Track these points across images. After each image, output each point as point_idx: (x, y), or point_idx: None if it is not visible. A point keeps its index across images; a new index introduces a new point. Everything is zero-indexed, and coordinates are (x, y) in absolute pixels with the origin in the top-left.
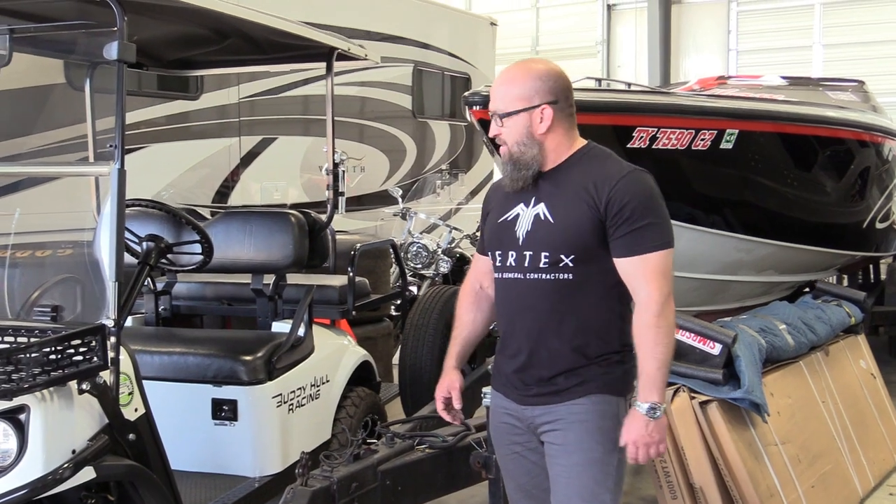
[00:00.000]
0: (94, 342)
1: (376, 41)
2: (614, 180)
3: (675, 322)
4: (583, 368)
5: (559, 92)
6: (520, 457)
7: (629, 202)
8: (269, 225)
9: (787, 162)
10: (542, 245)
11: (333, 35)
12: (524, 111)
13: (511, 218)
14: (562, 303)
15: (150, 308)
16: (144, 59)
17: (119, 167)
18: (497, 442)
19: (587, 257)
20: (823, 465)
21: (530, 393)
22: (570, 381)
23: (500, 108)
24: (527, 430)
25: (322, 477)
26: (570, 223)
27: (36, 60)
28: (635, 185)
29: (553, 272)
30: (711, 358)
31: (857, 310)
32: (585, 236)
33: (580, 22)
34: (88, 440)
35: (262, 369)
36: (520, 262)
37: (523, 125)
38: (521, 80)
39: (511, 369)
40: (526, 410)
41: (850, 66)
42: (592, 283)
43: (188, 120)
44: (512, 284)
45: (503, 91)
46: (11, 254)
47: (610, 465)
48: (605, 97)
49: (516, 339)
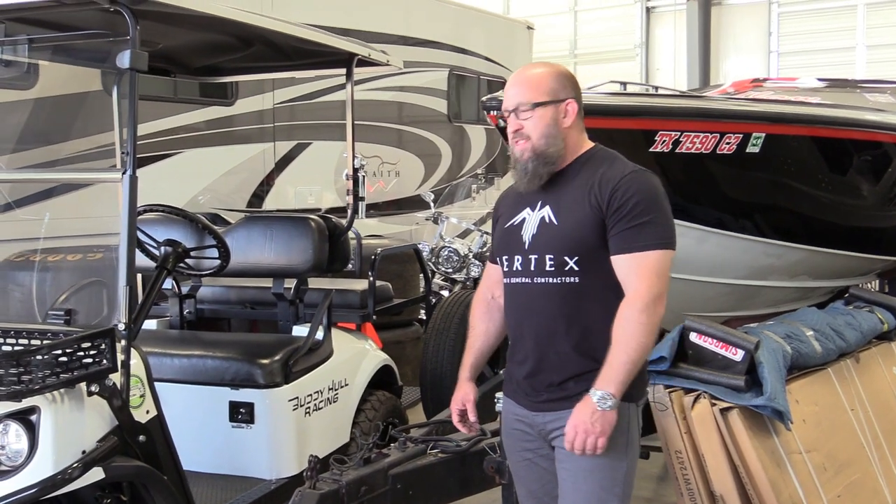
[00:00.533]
0: (103, 345)
1: (412, 46)
2: (617, 179)
3: (658, 325)
4: (592, 373)
5: (578, 92)
6: (531, 463)
7: (629, 199)
8: (290, 229)
9: (819, 165)
10: (547, 248)
11: (353, 41)
12: (552, 103)
13: (518, 222)
14: (569, 306)
15: (175, 311)
16: (172, 66)
17: (131, 174)
18: (509, 448)
19: (592, 259)
20: (851, 474)
21: (540, 399)
22: (579, 387)
23: (528, 98)
24: (538, 436)
25: (331, 480)
26: (574, 224)
27: (73, 68)
28: (638, 184)
29: (559, 276)
30: (734, 364)
31: (892, 316)
32: (588, 237)
33: (618, 25)
34: (98, 441)
35: (279, 372)
36: (526, 267)
37: (551, 117)
38: (545, 76)
39: (521, 375)
40: (537, 416)
41: (895, 67)
42: (599, 286)
43: (223, 125)
44: (519, 289)
45: (527, 86)
46: (43, 258)
47: (618, 470)
48: (626, 101)
49: (524, 345)
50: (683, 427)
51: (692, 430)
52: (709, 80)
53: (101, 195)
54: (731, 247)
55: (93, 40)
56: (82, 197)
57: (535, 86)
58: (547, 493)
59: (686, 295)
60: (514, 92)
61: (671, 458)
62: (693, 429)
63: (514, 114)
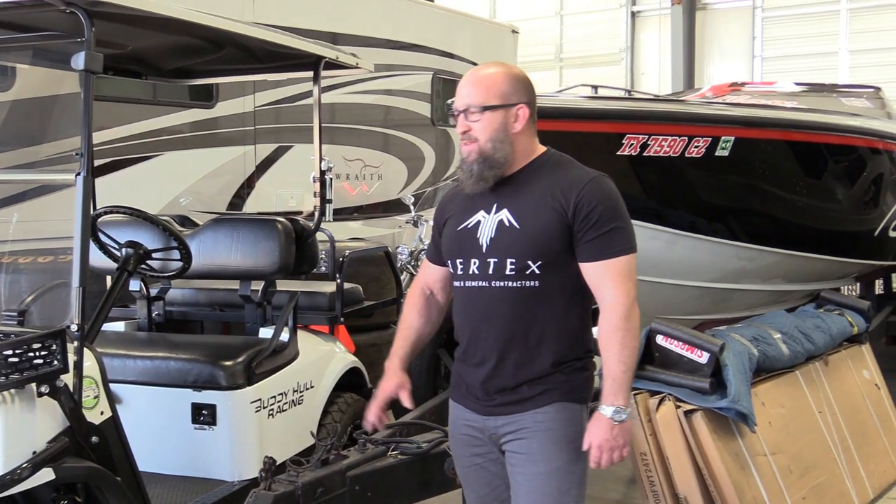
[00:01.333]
0: (54, 346)
1: (397, 49)
2: (581, 185)
3: (639, 327)
4: (547, 377)
5: (531, 96)
6: (480, 468)
7: (596, 207)
8: (256, 231)
9: (793, 169)
10: (508, 252)
11: (321, 44)
12: (502, 107)
13: (471, 225)
14: (528, 311)
15: (144, 314)
16: (143, 68)
17: (85, 175)
18: (457, 453)
19: (553, 263)
20: (817, 476)
21: (493, 403)
22: (534, 390)
23: (477, 101)
24: (488, 440)
25: (287, 482)
26: (539, 229)
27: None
28: (601, 190)
29: (519, 279)
30: (699, 367)
31: (861, 319)
32: (553, 242)
33: (604, 29)
34: (48, 442)
35: (242, 374)
36: (484, 270)
37: (500, 121)
38: (500, 78)
39: (475, 380)
40: (488, 421)
41: (877, 71)
42: (557, 291)
43: (204, 128)
44: (475, 293)
45: (480, 87)
46: (13, 260)
47: (574, 473)
48: (593, 104)
49: (481, 349)
50: (648, 429)
51: (657, 432)
52: (693, 84)
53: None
54: (703, 250)
55: (56, 42)
56: (57, 200)
57: (486, 88)
58: (496, 497)
59: (658, 298)
60: (465, 93)
61: (636, 460)
62: (658, 431)
63: (463, 115)
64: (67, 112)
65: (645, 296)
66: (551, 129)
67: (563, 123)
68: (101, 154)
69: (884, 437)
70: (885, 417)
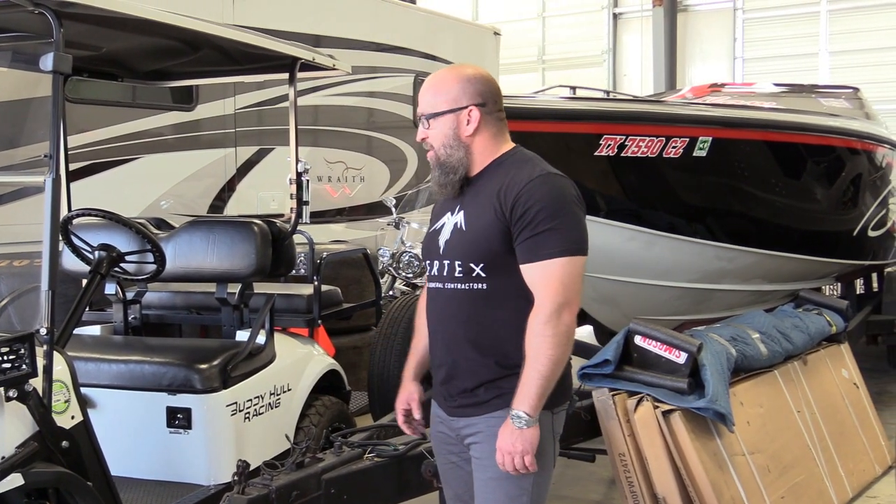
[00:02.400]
0: (22, 350)
1: (379, 52)
2: (522, 185)
3: (569, 334)
4: (502, 380)
5: (487, 95)
6: (455, 466)
7: (532, 206)
8: (232, 234)
9: (771, 169)
10: (456, 254)
11: (297, 45)
12: (451, 112)
13: (439, 227)
14: (477, 313)
15: (120, 317)
16: (118, 70)
17: (54, 177)
18: (436, 451)
19: (498, 266)
20: (795, 475)
21: (454, 404)
22: (489, 394)
23: (427, 109)
24: (457, 440)
25: (261, 485)
26: (479, 231)
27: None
28: (542, 190)
29: (467, 282)
30: (677, 367)
31: (840, 319)
32: (493, 244)
33: (586, 31)
34: (17, 447)
35: (217, 378)
36: (441, 272)
37: (450, 127)
38: (449, 82)
39: (438, 380)
40: (453, 422)
41: (857, 72)
42: (507, 293)
43: (185, 130)
44: (434, 294)
45: (431, 93)
46: None
47: (525, 480)
48: (570, 105)
49: (438, 350)
50: (627, 430)
51: (635, 432)
52: (675, 85)
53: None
54: (682, 250)
55: (27, 43)
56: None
57: (434, 94)
58: (472, 496)
59: (637, 298)
60: (420, 100)
61: (615, 461)
62: (636, 431)
63: (421, 121)
64: (43, 115)
65: (624, 296)
66: (529, 129)
67: (541, 124)
68: (81, 157)
69: (862, 436)
70: (863, 416)
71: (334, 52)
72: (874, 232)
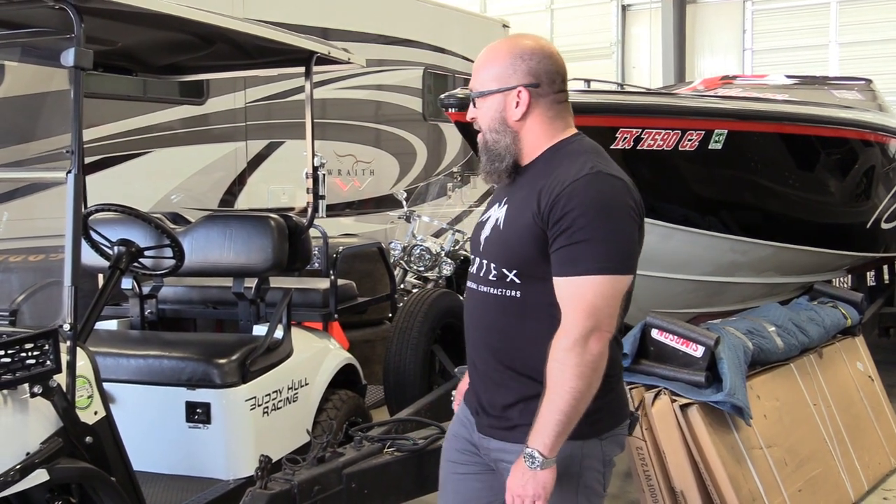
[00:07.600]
0: (46, 346)
1: (388, 45)
2: (565, 183)
3: (596, 365)
4: (538, 398)
5: (543, 74)
6: (464, 478)
7: (571, 210)
8: (249, 229)
9: (785, 162)
10: (491, 255)
11: (313, 39)
12: (498, 92)
13: (485, 220)
14: (508, 322)
15: (136, 312)
16: (133, 64)
17: (76, 173)
18: (445, 450)
19: (534, 274)
20: (812, 469)
21: (485, 423)
22: (524, 418)
23: (476, 86)
24: (477, 451)
25: (283, 480)
26: (514, 232)
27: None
28: (586, 192)
29: (501, 287)
30: (694, 360)
31: (855, 311)
32: (527, 249)
33: (595, 23)
34: (42, 443)
35: (236, 372)
36: (478, 272)
37: (497, 109)
38: (500, 57)
39: (472, 388)
40: (483, 440)
41: (867, 64)
42: (544, 304)
43: (195, 124)
44: (469, 293)
45: (481, 68)
46: (4, 258)
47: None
48: (586, 98)
49: (471, 356)
50: (644, 423)
51: (653, 426)
52: (684, 77)
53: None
54: (697, 243)
55: (46, 38)
56: (47, 198)
57: (484, 69)
58: None
59: (652, 292)
60: (473, 74)
61: (632, 454)
62: (654, 425)
63: (472, 101)
64: (57, 109)
65: (639, 289)
66: None
67: None
68: (92, 151)
69: (878, 429)
70: (878, 409)
71: (343, 45)
72: (887, 224)
